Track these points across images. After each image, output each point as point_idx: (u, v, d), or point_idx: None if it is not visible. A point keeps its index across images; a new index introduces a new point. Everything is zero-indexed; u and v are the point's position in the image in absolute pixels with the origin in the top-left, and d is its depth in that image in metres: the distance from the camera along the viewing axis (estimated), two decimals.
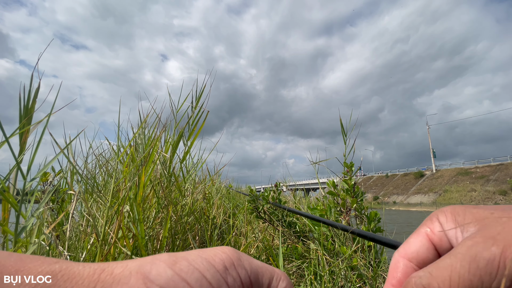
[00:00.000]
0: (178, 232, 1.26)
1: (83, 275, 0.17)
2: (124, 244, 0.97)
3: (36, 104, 0.71)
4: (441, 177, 42.11)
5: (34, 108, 0.69)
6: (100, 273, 0.17)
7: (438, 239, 0.24)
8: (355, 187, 1.64)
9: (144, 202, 1.12)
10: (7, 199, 0.67)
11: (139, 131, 1.35)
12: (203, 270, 0.18)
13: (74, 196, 0.98)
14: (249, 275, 0.21)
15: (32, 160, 0.71)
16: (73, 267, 0.17)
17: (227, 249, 0.21)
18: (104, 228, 0.91)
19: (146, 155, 1.10)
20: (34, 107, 0.69)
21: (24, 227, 0.74)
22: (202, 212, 1.61)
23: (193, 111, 1.35)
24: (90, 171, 1.39)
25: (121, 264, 0.18)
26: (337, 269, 1.34)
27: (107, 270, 0.18)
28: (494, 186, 33.84)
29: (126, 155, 1.21)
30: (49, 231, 0.91)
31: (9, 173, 0.69)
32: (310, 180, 14.54)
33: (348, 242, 1.61)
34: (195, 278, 0.18)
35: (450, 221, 0.24)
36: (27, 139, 0.69)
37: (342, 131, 1.82)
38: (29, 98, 0.68)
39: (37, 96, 0.69)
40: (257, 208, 2.17)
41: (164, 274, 0.17)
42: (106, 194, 1.20)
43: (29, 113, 0.68)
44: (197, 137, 1.38)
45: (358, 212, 1.61)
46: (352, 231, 0.99)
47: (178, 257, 0.19)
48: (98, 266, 0.18)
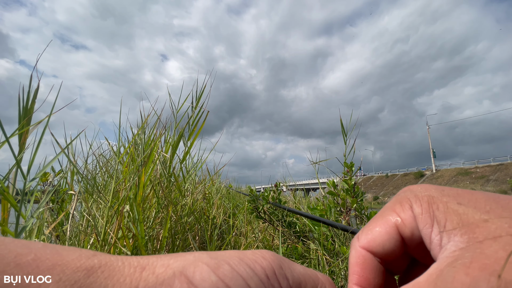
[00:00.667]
0: (178, 232, 1.26)
1: (124, 272, 0.16)
2: (124, 244, 0.97)
3: (36, 105, 0.71)
4: (441, 177, 42.13)
5: (33, 109, 0.69)
6: (142, 271, 0.16)
7: (410, 233, 0.20)
8: (355, 187, 1.64)
9: (144, 202, 1.12)
10: (7, 199, 0.67)
11: (139, 131, 1.35)
12: (247, 278, 0.17)
13: (74, 196, 0.98)
14: (291, 285, 0.19)
15: (32, 160, 0.71)
16: (112, 263, 0.16)
17: (268, 254, 0.20)
18: (104, 228, 0.91)
19: (146, 155, 1.10)
20: (33, 107, 0.69)
21: (24, 227, 0.74)
22: (202, 212, 1.61)
23: (193, 111, 1.35)
24: (90, 172, 1.39)
25: (161, 262, 0.17)
26: (337, 269, 1.34)
27: (149, 269, 0.17)
28: (494, 186, 33.86)
29: (126, 155, 1.21)
30: (49, 231, 0.91)
31: (8, 173, 0.69)
32: (310, 180, 14.54)
33: (348, 242, 1.61)
34: (239, 285, 0.17)
35: (426, 214, 0.19)
36: (26, 139, 0.69)
37: (342, 131, 1.82)
38: (28, 98, 0.68)
39: (36, 96, 0.69)
40: (257, 208, 2.17)
41: (208, 279, 0.16)
42: (106, 194, 1.20)
43: (28, 113, 0.68)
44: (197, 137, 1.38)
45: (358, 212, 1.61)
46: (352, 231, 0.99)
47: (219, 259, 0.18)
48: (138, 263, 0.17)
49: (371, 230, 0.21)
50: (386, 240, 0.20)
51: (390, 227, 0.20)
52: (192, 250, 1.28)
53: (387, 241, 0.20)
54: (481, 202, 0.18)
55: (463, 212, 0.18)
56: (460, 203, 0.18)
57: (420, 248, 0.20)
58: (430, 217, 0.19)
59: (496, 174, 36.82)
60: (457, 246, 0.16)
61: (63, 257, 0.15)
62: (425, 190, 0.21)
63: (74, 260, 0.15)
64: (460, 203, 0.18)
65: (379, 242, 0.21)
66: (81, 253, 0.16)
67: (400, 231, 0.20)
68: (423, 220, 0.19)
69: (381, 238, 0.21)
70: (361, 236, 0.22)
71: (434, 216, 0.19)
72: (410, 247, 0.21)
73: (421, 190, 0.21)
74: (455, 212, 0.18)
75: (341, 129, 1.82)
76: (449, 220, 0.18)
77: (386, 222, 0.21)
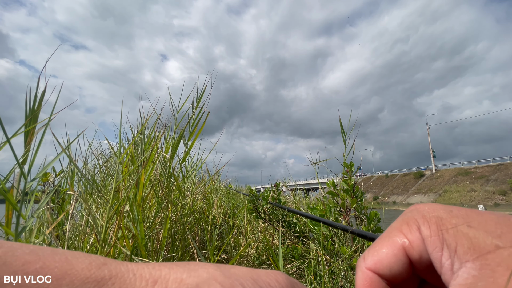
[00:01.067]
0: (178, 232, 1.27)
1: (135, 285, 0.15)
2: (123, 244, 0.97)
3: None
4: (441, 177, 42.13)
5: (40, 110, 0.70)
6: (153, 286, 0.16)
7: (418, 255, 0.19)
8: (355, 187, 1.64)
9: (144, 202, 1.12)
10: (8, 199, 0.67)
11: (140, 131, 1.35)
12: None
13: (74, 196, 0.98)
14: None
15: (33, 161, 0.71)
16: (123, 274, 0.16)
17: (281, 277, 0.19)
18: (104, 228, 0.91)
19: (146, 156, 1.10)
20: (40, 109, 0.70)
21: (24, 228, 0.74)
22: (202, 212, 1.61)
23: (194, 111, 1.35)
24: (90, 171, 1.39)
25: (174, 275, 0.17)
26: (337, 269, 1.34)
27: (161, 283, 0.16)
28: (494, 186, 33.87)
29: (126, 155, 1.21)
30: (49, 232, 0.91)
31: (9, 174, 0.69)
32: (310, 180, 14.55)
33: (348, 242, 1.61)
34: None
35: (435, 236, 0.19)
36: (32, 140, 0.69)
37: (342, 131, 1.82)
38: (35, 99, 0.69)
39: (43, 98, 0.70)
40: (257, 208, 2.17)
41: None
42: (106, 194, 1.20)
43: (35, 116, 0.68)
44: (197, 137, 1.38)
45: (358, 212, 1.61)
46: (352, 231, 0.99)
47: (233, 279, 0.17)
48: (150, 275, 0.16)
49: (377, 251, 0.21)
50: (394, 262, 0.20)
51: (397, 249, 0.20)
52: (192, 250, 1.28)
53: (395, 264, 0.20)
54: (492, 224, 0.17)
55: (473, 235, 0.17)
56: (470, 226, 0.18)
57: (429, 270, 0.20)
58: (440, 240, 0.18)
59: (496, 174, 36.84)
60: (470, 273, 0.16)
61: (73, 265, 0.15)
62: (433, 211, 0.20)
63: (84, 270, 0.15)
64: (470, 226, 0.18)
65: (386, 264, 0.20)
66: (91, 262, 0.16)
67: (408, 253, 0.20)
68: (432, 243, 0.19)
69: (388, 260, 0.20)
70: (367, 257, 0.21)
71: (443, 239, 0.18)
72: (418, 269, 0.20)
73: (429, 210, 0.20)
74: (466, 235, 0.17)
75: (341, 129, 1.82)
76: (460, 244, 0.17)
77: (393, 243, 0.20)
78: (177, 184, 1.28)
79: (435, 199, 36.02)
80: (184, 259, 1.25)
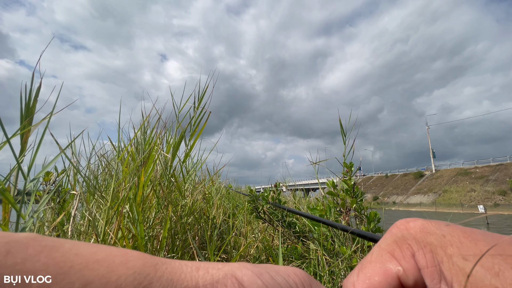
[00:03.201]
0: (178, 232, 1.27)
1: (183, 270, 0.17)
2: (123, 244, 0.97)
3: (37, 105, 0.72)
4: (440, 177, 42.15)
5: (35, 108, 0.69)
6: (198, 271, 0.18)
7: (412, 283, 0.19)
8: (355, 187, 1.65)
9: (144, 202, 1.12)
10: (7, 199, 0.67)
11: (140, 130, 1.35)
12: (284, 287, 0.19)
13: (76, 196, 0.98)
14: None
15: (33, 161, 0.71)
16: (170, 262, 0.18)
17: (299, 272, 0.21)
18: (104, 229, 0.91)
19: (146, 155, 1.10)
20: (35, 106, 0.69)
21: (24, 228, 0.74)
22: (202, 212, 1.61)
23: (195, 111, 1.35)
24: (92, 172, 1.39)
25: (212, 264, 0.19)
26: (337, 269, 1.34)
27: (203, 269, 0.18)
28: (493, 186, 33.88)
29: (127, 153, 1.21)
30: (49, 232, 0.91)
31: (9, 173, 0.69)
32: (310, 180, 14.55)
33: (348, 242, 1.61)
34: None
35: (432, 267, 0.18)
36: (28, 139, 0.69)
37: (342, 131, 1.82)
38: (30, 97, 0.68)
39: (38, 95, 0.69)
40: (257, 208, 2.17)
41: (255, 283, 0.18)
42: (107, 194, 1.20)
43: (30, 112, 0.68)
44: (199, 137, 1.38)
45: (358, 212, 1.61)
46: (352, 231, 0.99)
47: (260, 268, 0.20)
48: (192, 264, 0.18)
49: (369, 279, 0.20)
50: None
51: (391, 278, 0.19)
52: (191, 250, 1.28)
53: None
54: (488, 259, 0.17)
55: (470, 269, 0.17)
56: (466, 259, 0.18)
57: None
58: (437, 272, 0.18)
59: (495, 174, 36.87)
60: None
61: (129, 256, 0.17)
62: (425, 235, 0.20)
63: (140, 257, 0.17)
64: (465, 259, 0.18)
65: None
66: (139, 253, 0.18)
67: (402, 281, 0.19)
68: (430, 275, 0.18)
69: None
70: (358, 284, 0.20)
71: (441, 271, 0.18)
72: None
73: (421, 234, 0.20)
74: (462, 270, 0.17)
75: (341, 130, 1.82)
76: (456, 280, 0.17)
77: (387, 271, 0.20)
78: (177, 185, 1.28)
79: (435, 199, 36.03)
80: (184, 259, 1.25)
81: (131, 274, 0.15)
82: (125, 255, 0.17)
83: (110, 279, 0.14)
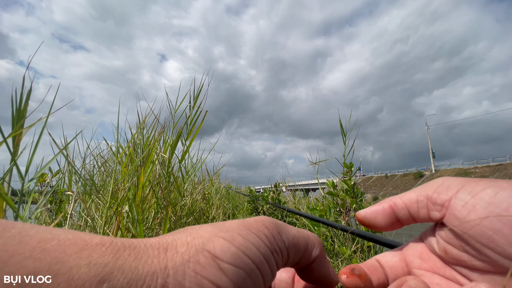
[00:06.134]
0: None
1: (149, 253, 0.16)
2: None
3: (35, 105, 0.71)
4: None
5: (26, 110, 0.68)
6: (166, 252, 0.17)
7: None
8: (355, 187, 1.64)
9: (143, 202, 1.12)
10: (5, 200, 0.67)
11: (138, 131, 1.35)
12: (257, 245, 0.19)
13: (72, 197, 0.98)
14: (287, 247, 0.22)
15: (30, 161, 0.71)
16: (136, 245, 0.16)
17: (267, 222, 0.22)
18: (103, 229, 0.91)
19: (145, 156, 1.10)
20: (26, 108, 0.68)
21: None
22: (202, 212, 1.60)
23: (191, 110, 1.35)
24: (88, 172, 1.38)
25: (180, 241, 0.18)
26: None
27: (171, 249, 0.17)
28: None
29: (125, 155, 1.20)
30: None
31: (5, 174, 0.69)
32: (310, 180, 14.54)
33: (348, 243, 1.61)
34: (253, 253, 0.19)
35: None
36: (20, 141, 0.68)
37: (342, 131, 1.82)
38: (21, 99, 0.66)
39: (29, 97, 0.68)
40: (257, 209, 2.17)
41: (229, 251, 0.18)
42: (105, 194, 1.20)
43: (22, 115, 0.67)
44: (195, 136, 1.37)
45: None
46: (352, 232, 0.99)
47: (230, 231, 0.19)
48: (159, 244, 0.17)
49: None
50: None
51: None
52: None
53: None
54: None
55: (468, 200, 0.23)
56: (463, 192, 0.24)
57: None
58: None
59: (495, 174, 36.90)
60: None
61: (87, 241, 0.15)
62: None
63: (99, 244, 0.15)
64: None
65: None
66: (103, 237, 0.16)
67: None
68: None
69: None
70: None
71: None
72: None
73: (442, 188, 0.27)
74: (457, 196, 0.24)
75: (340, 130, 1.82)
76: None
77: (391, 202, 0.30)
78: (176, 185, 1.28)
79: None
80: None
81: (85, 264, 0.13)
82: (80, 242, 0.15)
83: (58, 272, 0.13)
